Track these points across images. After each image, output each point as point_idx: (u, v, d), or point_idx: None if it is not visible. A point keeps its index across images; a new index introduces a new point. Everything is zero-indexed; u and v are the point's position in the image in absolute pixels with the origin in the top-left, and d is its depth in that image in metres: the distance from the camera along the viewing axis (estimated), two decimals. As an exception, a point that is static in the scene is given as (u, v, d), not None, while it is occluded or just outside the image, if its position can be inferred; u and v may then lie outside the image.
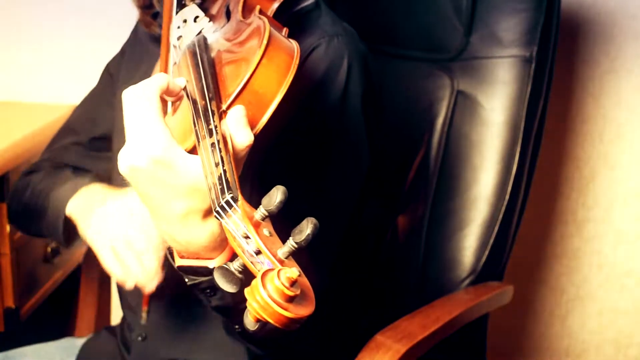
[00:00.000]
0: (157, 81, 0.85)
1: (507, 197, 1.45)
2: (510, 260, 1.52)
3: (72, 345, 1.43)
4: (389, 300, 1.51)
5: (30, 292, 1.72)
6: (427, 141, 1.49)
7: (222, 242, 0.86)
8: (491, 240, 1.45)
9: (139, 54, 1.32)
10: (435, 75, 1.50)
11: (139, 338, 1.27)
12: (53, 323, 1.86)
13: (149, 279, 1.12)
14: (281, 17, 1.04)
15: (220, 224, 0.77)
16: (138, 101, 0.83)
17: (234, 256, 0.86)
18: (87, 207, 1.18)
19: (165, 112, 0.89)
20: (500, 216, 1.45)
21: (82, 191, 1.21)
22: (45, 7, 1.97)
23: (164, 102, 0.88)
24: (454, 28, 1.48)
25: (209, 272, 0.87)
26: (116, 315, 1.58)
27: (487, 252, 1.45)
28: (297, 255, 0.73)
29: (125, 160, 0.82)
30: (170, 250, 0.91)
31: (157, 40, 1.30)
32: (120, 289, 1.34)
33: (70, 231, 1.22)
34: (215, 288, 0.89)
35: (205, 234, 0.84)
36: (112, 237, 1.13)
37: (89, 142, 1.36)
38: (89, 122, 1.37)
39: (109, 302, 1.64)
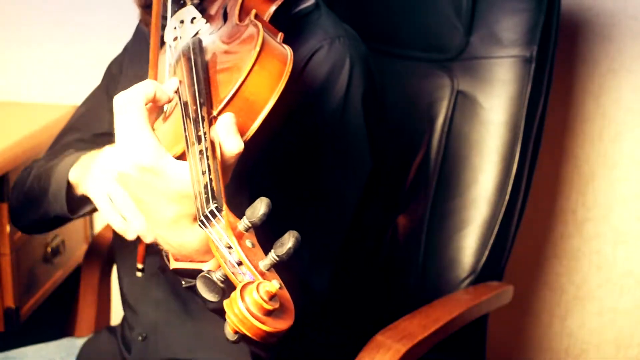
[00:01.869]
0: (143, 88, 0.86)
1: (507, 197, 1.45)
2: (510, 260, 1.52)
3: (72, 345, 1.43)
4: (389, 300, 1.51)
5: (30, 292, 1.71)
6: (427, 141, 1.49)
7: None
8: (491, 240, 1.45)
9: (138, 53, 1.32)
10: (435, 75, 1.50)
11: (140, 338, 1.27)
12: (53, 323, 1.86)
13: (148, 227, 1.11)
14: (280, 19, 1.04)
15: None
16: (125, 108, 0.84)
17: None
18: (87, 166, 1.15)
19: (158, 116, 0.90)
20: (500, 216, 1.45)
21: (83, 157, 1.19)
22: (45, 7, 1.97)
23: (156, 107, 0.88)
24: (454, 28, 1.48)
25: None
26: (116, 315, 1.58)
27: (487, 252, 1.45)
28: (279, 267, 0.73)
29: (114, 167, 0.83)
30: (166, 253, 0.92)
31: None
32: (121, 285, 1.34)
33: (74, 198, 1.19)
34: None
35: (196, 238, 0.85)
36: (109, 186, 1.09)
37: (91, 139, 1.35)
38: (92, 119, 1.37)
39: (109, 302, 1.64)
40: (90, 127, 1.36)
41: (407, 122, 1.51)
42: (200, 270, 0.87)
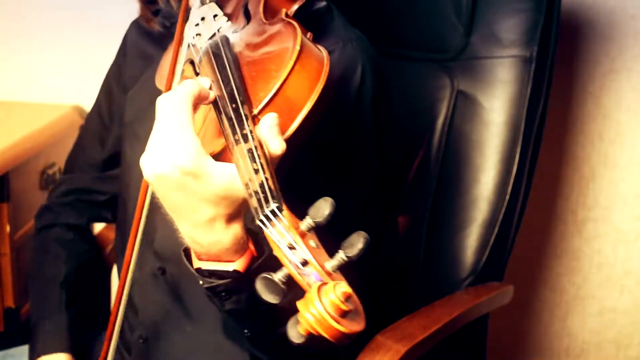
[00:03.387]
0: (190, 88, 0.84)
1: (508, 197, 1.45)
2: (510, 260, 1.52)
3: (72, 345, 1.43)
4: (389, 300, 1.51)
5: (30, 292, 1.71)
6: (427, 141, 1.49)
7: (243, 245, 0.86)
8: (491, 240, 1.45)
9: (136, 60, 1.32)
10: (435, 75, 1.50)
11: (140, 340, 1.27)
12: (53, 323, 1.86)
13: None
14: (298, 18, 1.04)
15: (244, 230, 0.76)
16: (171, 108, 0.82)
17: (253, 262, 0.86)
18: None
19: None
20: (501, 216, 1.45)
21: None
22: (46, 8, 1.97)
23: (196, 108, 0.86)
24: (454, 28, 1.48)
25: (227, 275, 0.87)
26: (116, 316, 1.57)
27: (487, 252, 1.45)
28: (345, 269, 0.72)
29: (151, 168, 0.81)
30: (186, 252, 0.91)
31: (155, 39, 1.29)
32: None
33: None
34: (230, 291, 0.89)
35: (228, 238, 0.84)
36: None
37: (101, 164, 1.40)
38: (97, 141, 1.40)
39: (109, 303, 1.64)
40: (97, 152, 1.40)
41: (407, 122, 1.51)
42: (226, 271, 0.86)
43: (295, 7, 1.04)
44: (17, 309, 1.65)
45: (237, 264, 0.86)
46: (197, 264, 0.88)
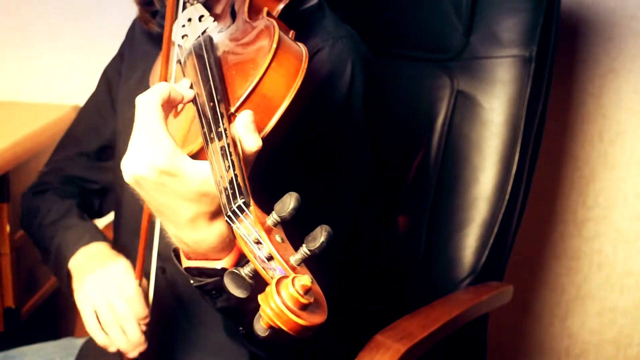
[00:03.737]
0: (158, 90, 0.85)
1: (507, 196, 1.45)
2: (510, 260, 1.52)
3: (72, 345, 1.43)
4: (389, 300, 1.51)
5: (30, 292, 1.72)
6: (427, 141, 1.49)
7: (229, 243, 0.86)
8: (491, 240, 1.45)
9: (136, 55, 1.32)
10: (435, 75, 1.50)
11: None
12: (53, 323, 1.86)
13: (131, 346, 1.14)
14: (285, 18, 1.04)
15: (230, 227, 0.77)
16: (141, 109, 0.83)
17: (241, 259, 0.86)
18: (82, 271, 1.21)
19: (168, 116, 0.89)
20: (500, 216, 1.45)
21: (82, 251, 1.24)
22: (45, 8, 1.97)
23: (169, 109, 0.87)
24: (454, 28, 1.48)
25: (215, 273, 0.88)
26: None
27: (487, 252, 1.45)
28: (309, 262, 0.73)
29: (130, 170, 0.82)
30: (176, 252, 0.91)
31: (154, 39, 1.30)
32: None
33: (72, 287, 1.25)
34: (221, 289, 0.89)
35: (213, 236, 0.85)
36: (97, 302, 1.15)
37: (94, 153, 1.37)
38: (92, 131, 1.38)
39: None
40: (91, 141, 1.38)
41: (407, 122, 1.51)
42: (214, 269, 0.87)
43: (280, 6, 1.05)
44: (17, 309, 1.65)
45: (225, 262, 0.86)
46: (186, 263, 0.89)
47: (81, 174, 1.38)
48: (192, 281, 0.90)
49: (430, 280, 1.48)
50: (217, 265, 0.87)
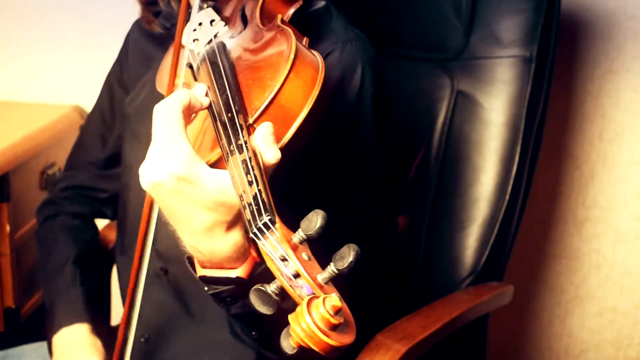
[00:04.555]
0: (179, 97, 0.85)
1: (507, 197, 1.45)
2: (510, 260, 1.52)
3: (72, 345, 1.43)
4: (389, 300, 1.51)
5: (30, 292, 1.72)
6: (427, 141, 1.49)
7: (244, 252, 0.86)
8: (491, 240, 1.45)
9: (140, 65, 1.32)
10: (435, 75, 1.50)
11: (141, 339, 1.27)
12: (53, 323, 1.85)
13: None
14: (295, 21, 1.03)
15: (246, 238, 0.76)
16: (161, 117, 0.83)
17: (255, 268, 0.86)
18: (59, 355, 1.27)
19: (187, 124, 0.89)
20: (501, 216, 1.45)
21: (63, 332, 1.29)
22: (45, 8, 1.97)
23: (188, 116, 0.87)
24: (454, 28, 1.48)
25: (230, 282, 0.87)
26: (116, 315, 1.57)
27: (487, 252, 1.45)
28: (337, 280, 0.73)
29: (148, 177, 0.82)
30: (190, 260, 0.91)
31: (157, 40, 1.30)
32: (122, 285, 1.35)
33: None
34: (236, 296, 0.89)
35: (229, 245, 0.84)
36: None
37: (102, 162, 1.41)
38: (99, 140, 1.41)
39: (109, 302, 1.64)
40: (98, 150, 1.41)
41: (407, 122, 1.51)
42: (229, 277, 0.87)
43: (291, 10, 1.05)
44: (17, 309, 1.65)
45: (240, 271, 0.86)
46: (200, 272, 0.89)
47: (91, 183, 1.42)
48: (206, 289, 0.90)
49: (431, 280, 1.48)
50: (232, 274, 0.87)
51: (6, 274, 1.61)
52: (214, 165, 0.83)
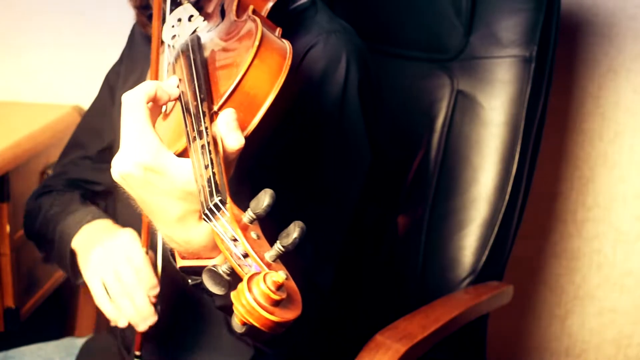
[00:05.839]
0: (144, 88, 0.86)
1: (507, 197, 1.45)
2: (510, 260, 1.52)
3: (71, 345, 1.43)
4: (389, 300, 1.51)
5: (30, 292, 1.72)
6: (427, 141, 1.49)
7: None
8: (491, 240, 1.45)
9: (135, 59, 1.33)
10: (435, 75, 1.50)
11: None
12: (53, 323, 1.86)
13: (141, 318, 1.14)
14: (277, 16, 1.04)
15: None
16: (127, 108, 0.84)
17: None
18: (87, 246, 1.20)
19: (157, 115, 0.90)
20: (500, 216, 1.45)
21: (85, 228, 1.23)
22: (45, 8, 1.97)
23: (159, 107, 0.88)
24: (454, 28, 1.48)
25: None
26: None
27: (487, 252, 1.45)
28: (285, 258, 0.73)
29: (117, 167, 0.83)
30: (172, 252, 0.92)
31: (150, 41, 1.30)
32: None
33: (77, 267, 1.24)
34: None
35: (203, 235, 0.85)
36: (104, 273, 1.15)
37: (96, 155, 1.38)
38: (95, 135, 1.39)
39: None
40: (93, 144, 1.39)
41: (407, 122, 1.51)
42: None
43: (270, 4, 1.05)
44: (17, 309, 1.65)
45: (217, 260, 0.87)
46: (180, 262, 0.89)
47: (85, 176, 1.38)
48: (189, 280, 0.90)
49: (431, 280, 1.48)
50: (210, 263, 0.87)
51: (6, 274, 1.61)
52: (182, 154, 0.84)
